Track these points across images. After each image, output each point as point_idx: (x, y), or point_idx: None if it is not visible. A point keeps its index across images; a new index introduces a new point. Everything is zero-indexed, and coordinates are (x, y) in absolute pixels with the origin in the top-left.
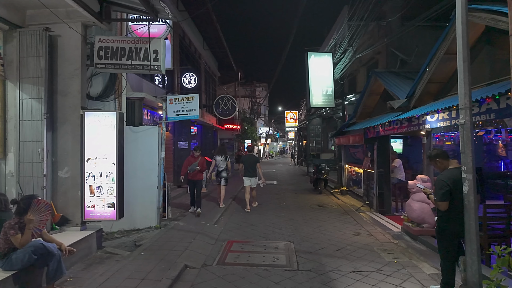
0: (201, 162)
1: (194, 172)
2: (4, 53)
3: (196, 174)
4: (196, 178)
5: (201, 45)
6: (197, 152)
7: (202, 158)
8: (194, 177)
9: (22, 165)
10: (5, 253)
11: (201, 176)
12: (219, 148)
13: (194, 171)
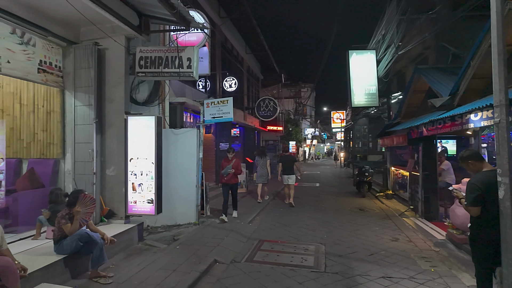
0: (236, 164)
1: (228, 176)
2: (63, 67)
3: (232, 178)
4: (231, 182)
5: (244, 49)
6: (230, 154)
7: (237, 160)
8: (229, 181)
9: (77, 164)
10: (58, 239)
11: (237, 179)
12: (260, 150)
13: (229, 174)
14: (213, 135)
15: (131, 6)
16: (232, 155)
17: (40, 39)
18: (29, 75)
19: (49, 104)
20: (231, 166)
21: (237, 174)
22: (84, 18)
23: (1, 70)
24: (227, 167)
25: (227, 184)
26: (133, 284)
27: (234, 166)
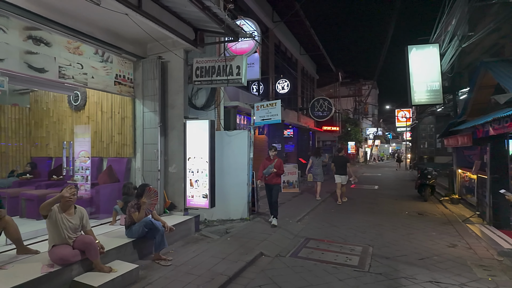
0: (278, 164)
1: (270, 176)
2: (134, 79)
3: (273, 178)
4: (272, 182)
5: (298, 51)
6: (272, 152)
7: (279, 160)
8: (270, 181)
9: (145, 162)
10: (128, 225)
11: (279, 180)
12: (315, 150)
13: (270, 174)
14: (266, 136)
15: (187, 23)
16: (274, 154)
17: (116, 56)
18: (107, 87)
19: (123, 111)
20: (273, 165)
21: (279, 174)
22: (150, 36)
23: (87, 84)
24: (269, 167)
25: (269, 184)
26: (187, 268)
27: (276, 166)
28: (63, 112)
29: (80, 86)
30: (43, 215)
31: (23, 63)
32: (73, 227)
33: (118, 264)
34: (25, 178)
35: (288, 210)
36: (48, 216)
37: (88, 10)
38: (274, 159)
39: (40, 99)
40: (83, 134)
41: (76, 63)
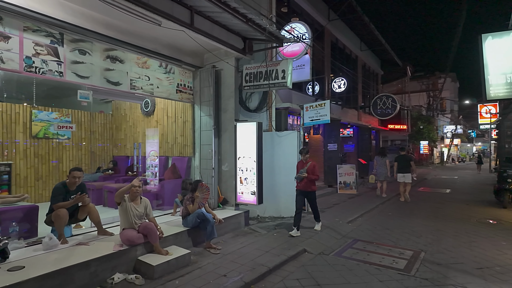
0: (311, 168)
1: (303, 182)
2: (193, 86)
3: (306, 184)
4: (306, 189)
5: (358, 47)
6: (303, 156)
7: (313, 163)
8: (303, 187)
9: (202, 161)
10: (184, 216)
11: (314, 186)
12: (380, 150)
13: (302, 180)
14: (322, 136)
15: (236, 33)
16: (305, 157)
17: (177, 67)
18: (170, 95)
19: (184, 116)
20: (305, 170)
21: (312, 179)
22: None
23: (154, 93)
24: (300, 171)
25: (302, 191)
26: (233, 257)
27: (309, 170)
28: (137, 117)
29: (148, 95)
30: (117, 202)
31: (103, 79)
32: (139, 215)
33: (174, 249)
34: (107, 174)
35: (340, 211)
36: (120, 204)
37: (152, 30)
38: (307, 162)
39: (120, 106)
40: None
41: (144, 75)
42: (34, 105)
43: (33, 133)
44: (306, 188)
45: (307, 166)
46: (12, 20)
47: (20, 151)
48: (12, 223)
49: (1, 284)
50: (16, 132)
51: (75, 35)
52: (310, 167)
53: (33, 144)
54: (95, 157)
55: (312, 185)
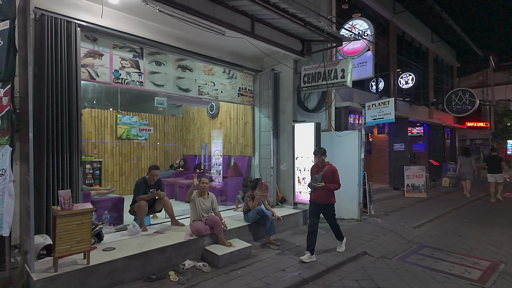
0: (329, 174)
1: (318, 192)
2: (253, 90)
3: (323, 194)
4: (322, 201)
5: (429, 38)
6: (317, 158)
7: (330, 167)
8: (318, 199)
9: (261, 160)
10: (245, 211)
11: (333, 198)
12: (464, 150)
13: (317, 190)
14: (387, 135)
15: (295, 36)
16: (321, 159)
17: (239, 72)
18: (233, 99)
19: (245, 117)
20: (320, 176)
21: (331, 189)
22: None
23: (218, 98)
24: (314, 178)
25: (316, 204)
26: (292, 253)
27: (325, 177)
28: (203, 120)
29: (213, 100)
30: (188, 201)
31: (175, 86)
32: (206, 208)
33: (237, 242)
34: (178, 171)
35: (406, 215)
36: (191, 201)
37: (217, 40)
38: (323, 166)
39: (189, 110)
40: (217, 137)
41: (210, 81)
42: (119, 110)
43: (118, 135)
44: (322, 200)
45: (323, 171)
46: (104, 40)
47: (108, 150)
48: (105, 211)
49: (100, 261)
50: (105, 134)
51: (152, 48)
52: (327, 173)
53: (117, 144)
54: (168, 156)
55: (331, 197)
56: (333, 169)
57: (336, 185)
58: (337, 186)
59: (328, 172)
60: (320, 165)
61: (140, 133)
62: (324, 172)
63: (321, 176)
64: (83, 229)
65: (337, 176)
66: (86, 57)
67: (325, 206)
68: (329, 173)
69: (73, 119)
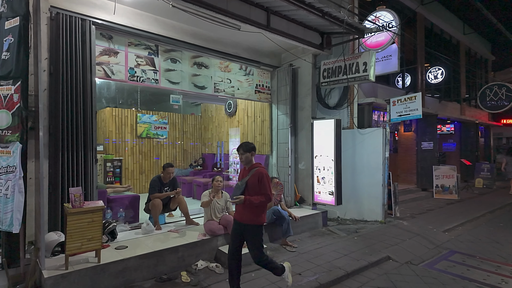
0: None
1: (239, 206)
2: (271, 86)
3: (244, 210)
4: (245, 220)
5: (460, 30)
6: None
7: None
8: (239, 216)
9: (279, 159)
10: None
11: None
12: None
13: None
14: (414, 133)
15: (314, 29)
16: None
17: (256, 69)
18: (250, 96)
19: (263, 115)
20: (244, 183)
21: (255, 203)
22: (282, 48)
23: (234, 95)
24: (236, 186)
25: (237, 222)
26: (309, 256)
27: (249, 185)
28: (221, 118)
29: (229, 97)
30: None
31: (191, 84)
32: (220, 208)
33: None
34: (197, 169)
35: (435, 218)
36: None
37: (233, 35)
38: (250, 169)
39: (207, 108)
40: (235, 135)
41: (226, 78)
42: (139, 109)
43: (138, 134)
44: (243, 218)
45: (249, 176)
46: (119, 38)
47: (128, 149)
48: (120, 209)
49: (110, 260)
50: (126, 132)
51: (168, 45)
52: (252, 180)
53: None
54: (187, 154)
55: (255, 214)
56: (261, 174)
57: (262, 198)
58: (264, 199)
59: (253, 178)
60: (247, 167)
61: (155, 130)
62: (249, 178)
63: (244, 183)
64: (94, 227)
65: (266, 183)
66: (101, 55)
67: (246, 227)
68: (255, 179)
69: (87, 117)
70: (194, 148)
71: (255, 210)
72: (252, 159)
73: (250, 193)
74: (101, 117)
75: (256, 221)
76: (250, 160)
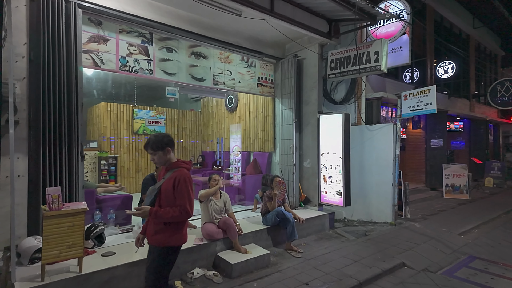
0: (167, 187)
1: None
2: (274, 79)
3: (150, 225)
4: (151, 240)
5: (470, 24)
6: (152, 156)
7: (176, 173)
8: (147, 234)
9: (282, 157)
10: (264, 213)
11: (171, 236)
12: None
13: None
14: (423, 130)
15: (321, 16)
16: (160, 158)
17: (258, 60)
18: (251, 90)
19: (265, 110)
20: (156, 190)
21: (164, 218)
22: (287, 38)
23: (235, 88)
24: (149, 192)
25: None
26: (316, 263)
27: (162, 192)
28: (222, 114)
29: (230, 90)
30: (201, 200)
31: (188, 75)
32: (218, 209)
33: (253, 248)
34: (196, 167)
35: (448, 220)
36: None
37: (234, 23)
38: (167, 171)
39: (207, 104)
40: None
41: (226, 70)
42: (135, 105)
43: (134, 130)
44: (149, 235)
45: (164, 179)
46: (110, 24)
47: (124, 146)
48: (110, 210)
49: (94, 269)
50: (121, 129)
51: (163, 33)
52: (166, 185)
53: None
54: (187, 152)
55: (163, 233)
56: (180, 177)
57: (175, 212)
58: (177, 214)
59: (168, 182)
60: (165, 168)
61: (152, 126)
62: (163, 183)
63: (156, 189)
64: (75, 232)
65: (184, 190)
66: (89, 43)
67: (152, 250)
68: (169, 184)
69: (72, 109)
70: (193, 145)
71: (167, 228)
72: (170, 157)
73: (162, 203)
74: (96, 112)
75: (165, 242)
76: (166, 159)
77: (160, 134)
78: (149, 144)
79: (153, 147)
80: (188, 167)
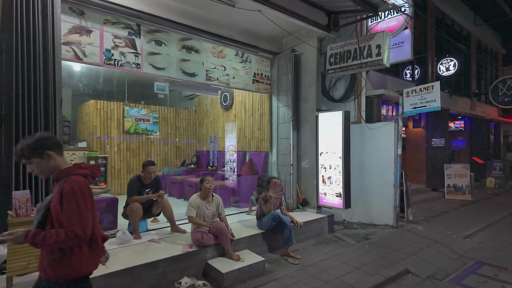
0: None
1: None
2: (271, 76)
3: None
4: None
5: (471, 21)
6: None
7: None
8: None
9: (279, 156)
10: (259, 216)
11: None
12: None
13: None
14: (424, 129)
15: (320, 7)
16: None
17: (254, 55)
18: (247, 86)
19: (261, 108)
20: (44, 207)
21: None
22: (284, 31)
23: (229, 84)
24: (36, 210)
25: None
26: (315, 270)
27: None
28: (217, 112)
29: (223, 86)
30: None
31: (179, 70)
32: (210, 214)
33: (247, 254)
34: (190, 168)
35: (452, 222)
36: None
37: (227, 15)
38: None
39: (202, 102)
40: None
41: (220, 65)
42: (126, 102)
43: (125, 129)
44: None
45: (53, 193)
46: (94, 14)
47: (114, 145)
48: None
49: None
50: (112, 127)
51: (152, 25)
52: (54, 201)
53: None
54: (181, 152)
55: (52, 262)
56: (69, 189)
57: (61, 235)
58: (64, 238)
59: (55, 198)
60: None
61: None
62: (52, 197)
63: (44, 206)
64: None
65: (74, 207)
66: (70, 34)
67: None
68: (56, 201)
69: (49, 105)
70: (187, 144)
71: (56, 256)
72: (56, 164)
73: (55, 225)
74: (85, 110)
75: (67, 273)
76: (51, 167)
77: (35, 135)
78: (21, 152)
79: (24, 153)
80: (86, 173)
